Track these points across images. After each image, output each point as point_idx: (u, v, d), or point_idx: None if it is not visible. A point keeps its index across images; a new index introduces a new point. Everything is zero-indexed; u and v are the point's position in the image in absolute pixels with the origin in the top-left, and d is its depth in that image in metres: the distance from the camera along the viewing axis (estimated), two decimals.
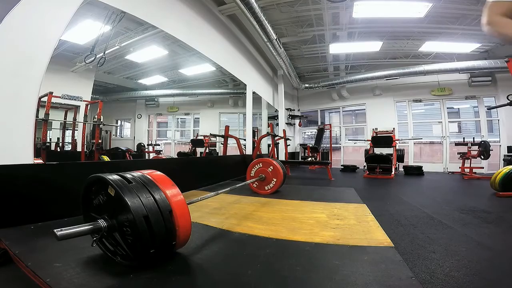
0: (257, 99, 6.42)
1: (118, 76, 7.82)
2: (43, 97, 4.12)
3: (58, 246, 1.27)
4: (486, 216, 2.13)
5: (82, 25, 4.21)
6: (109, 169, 1.94)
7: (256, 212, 2.27)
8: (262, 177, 3.18)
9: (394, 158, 5.83)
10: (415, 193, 3.59)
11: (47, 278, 1.01)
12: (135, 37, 4.99)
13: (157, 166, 3.01)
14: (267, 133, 5.69)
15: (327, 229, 1.77)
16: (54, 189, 1.90)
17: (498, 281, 1.09)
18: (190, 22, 3.78)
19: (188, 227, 1.22)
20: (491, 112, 6.91)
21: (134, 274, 1.07)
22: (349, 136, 9.27)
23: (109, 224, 1.12)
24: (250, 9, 4.00)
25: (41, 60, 1.88)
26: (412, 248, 1.43)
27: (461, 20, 4.99)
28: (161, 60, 6.47)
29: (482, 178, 4.98)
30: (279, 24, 5.55)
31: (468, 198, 3.00)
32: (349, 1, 4.44)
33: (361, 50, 6.43)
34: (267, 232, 1.69)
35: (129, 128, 10.60)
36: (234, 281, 1.07)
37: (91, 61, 4.60)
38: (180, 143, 10.40)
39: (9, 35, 1.70)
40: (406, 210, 2.21)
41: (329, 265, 1.22)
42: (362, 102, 8.58)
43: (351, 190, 3.54)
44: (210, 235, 1.65)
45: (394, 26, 5.43)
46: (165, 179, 1.27)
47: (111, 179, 1.13)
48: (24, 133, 1.79)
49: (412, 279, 1.06)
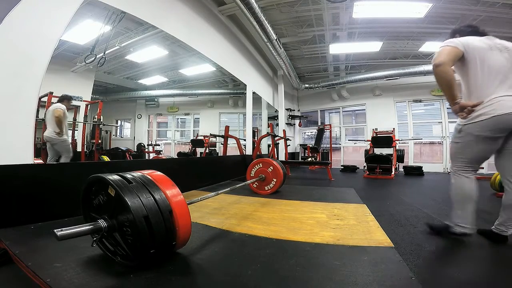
0: (257, 99, 6.42)
1: (118, 76, 7.81)
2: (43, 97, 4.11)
3: (58, 246, 1.27)
4: (486, 216, 2.13)
5: (82, 25, 4.20)
6: (109, 169, 1.94)
7: (256, 212, 2.27)
8: (262, 177, 3.18)
9: (394, 158, 5.83)
10: (415, 193, 3.59)
11: (47, 278, 1.01)
12: (135, 37, 4.99)
13: (157, 166, 3.02)
14: (267, 133, 5.69)
15: (327, 229, 1.77)
16: (54, 189, 1.90)
17: (498, 281, 1.09)
18: (190, 22, 3.78)
19: (188, 227, 1.22)
20: None
21: (134, 274, 1.07)
22: (349, 136, 9.27)
23: (109, 224, 1.12)
24: (250, 9, 4.00)
25: (41, 60, 1.88)
26: (412, 248, 1.43)
27: (461, 20, 4.98)
28: (161, 60, 6.47)
29: (482, 178, 4.96)
30: (279, 24, 5.55)
31: None
32: (349, 1, 4.44)
33: (361, 50, 6.43)
34: (267, 232, 1.69)
35: (129, 128, 10.59)
36: (234, 281, 1.07)
37: (91, 61, 4.60)
38: (180, 143, 10.39)
39: (9, 35, 1.70)
40: (406, 210, 2.20)
41: (329, 265, 1.22)
42: (362, 102, 8.58)
43: (351, 190, 3.54)
44: (210, 235, 1.65)
45: (394, 26, 5.43)
46: (165, 179, 1.27)
47: (111, 179, 1.13)
48: (24, 133, 1.79)
49: (412, 279, 1.06)
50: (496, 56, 1.39)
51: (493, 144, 1.41)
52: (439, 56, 1.38)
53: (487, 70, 1.39)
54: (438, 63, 1.36)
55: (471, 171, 1.50)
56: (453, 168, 1.56)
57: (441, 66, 1.35)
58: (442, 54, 1.39)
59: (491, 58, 1.39)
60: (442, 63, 1.35)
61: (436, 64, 1.37)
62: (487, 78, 1.38)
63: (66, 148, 3.62)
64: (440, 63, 1.35)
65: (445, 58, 1.37)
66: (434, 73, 1.39)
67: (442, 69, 1.35)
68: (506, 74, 1.37)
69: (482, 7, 4.50)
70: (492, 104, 1.34)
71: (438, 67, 1.36)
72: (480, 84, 1.40)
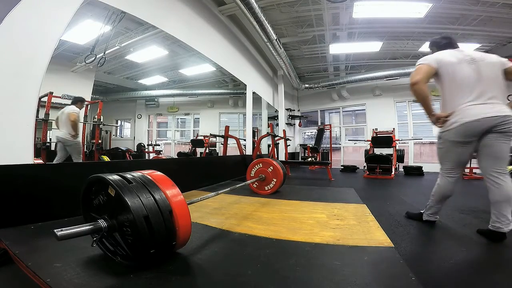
0: (257, 99, 6.42)
1: (118, 76, 7.82)
2: (43, 97, 4.12)
3: (58, 246, 1.27)
4: (486, 216, 2.13)
5: (82, 25, 4.20)
6: (109, 169, 1.94)
7: (256, 212, 2.27)
8: (262, 177, 3.18)
9: (394, 158, 5.83)
10: (415, 193, 3.59)
11: (47, 278, 1.01)
12: (135, 37, 4.99)
13: (157, 166, 3.02)
14: (267, 133, 5.69)
15: (327, 229, 1.77)
16: (54, 189, 1.90)
17: (498, 281, 1.09)
18: (190, 22, 3.78)
19: (188, 227, 1.22)
20: None
21: (134, 274, 1.07)
22: (349, 136, 9.27)
23: (109, 224, 1.12)
24: (250, 9, 4.00)
25: (42, 60, 1.88)
26: (412, 248, 1.43)
27: (461, 20, 4.99)
28: (161, 60, 6.47)
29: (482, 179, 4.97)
30: (279, 25, 5.55)
31: (468, 199, 2.99)
32: (349, 1, 4.44)
33: (361, 50, 6.43)
34: (267, 232, 1.69)
35: (129, 128, 10.59)
36: (234, 281, 1.07)
37: (91, 61, 4.60)
38: (180, 143, 10.39)
39: (10, 35, 1.70)
40: (406, 210, 2.20)
41: (329, 265, 1.22)
42: (362, 103, 8.58)
43: (351, 190, 3.54)
44: (210, 235, 1.65)
45: (394, 27, 5.43)
46: (165, 179, 1.27)
47: (111, 179, 1.13)
48: (25, 133, 1.79)
49: (412, 279, 1.06)
50: (464, 69, 1.55)
51: (468, 147, 1.58)
52: (415, 75, 1.58)
53: (457, 83, 1.56)
54: (413, 82, 1.57)
55: (455, 174, 1.70)
56: (441, 171, 1.77)
57: (416, 85, 1.56)
58: (417, 73, 1.59)
59: (461, 71, 1.56)
60: (417, 81, 1.55)
61: (412, 83, 1.57)
62: (457, 89, 1.56)
63: (78, 150, 3.71)
64: (415, 81, 1.56)
65: (420, 77, 1.56)
66: (411, 90, 1.59)
67: (417, 87, 1.56)
68: (474, 85, 1.52)
69: (482, 7, 4.50)
70: (461, 113, 1.53)
71: (414, 85, 1.57)
72: (452, 96, 1.59)
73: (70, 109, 3.67)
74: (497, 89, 1.53)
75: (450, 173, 1.71)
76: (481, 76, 1.52)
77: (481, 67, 1.54)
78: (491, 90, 1.51)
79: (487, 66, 1.55)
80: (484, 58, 1.58)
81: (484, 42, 5.75)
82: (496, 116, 1.45)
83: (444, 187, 1.73)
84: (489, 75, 1.53)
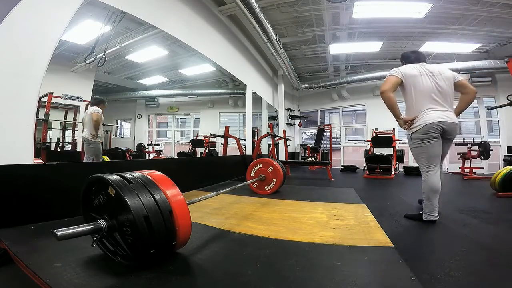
0: (257, 99, 6.42)
1: (118, 76, 7.81)
2: (43, 97, 4.12)
3: (58, 246, 1.27)
4: (486, 216, 2.14)
5: (82, 25, 4.20)
6: (109, 169, 1.95)
7: (256, 212, 2.27)
8: (262, 177, 3.18)
9: (394, 158, 5.83)
10: (415, 193, 3.58)
11: (47, 278, 1.01)
12: (135, 37, 4.98)
13: (157, 166, 3.02)
14: (267, 133, 5.69)
15: (327, 229, 1.77)
16: (54, 189, 1.91)
17: (498, 281, 1.09)
18: (190, 22, 3.78)
19: (188, 227, 1.22)
20: (491, 112, 6.90)
21: (134, 274, 1.07)
22: (349, 136, 9.27)
23: (109, 224, 1.12)
24: (250, 9, 4.00)
25: (42, 60, 1.88)
26: (412, 248, 1.43)
27: (461, 20, 4.99)
28: (161, 60, 6.46)
29: (482, 179, 4.97)
30: (279, 25, 5.55)
31: (468, 199, 3.00)
32: (349, 1, 4.44)
33: (361, 50, 6.43)
34: (267, 232, 1.69)
35: (129, 128, 10.58)
36: (234, 281, 1.07)
37: (91, 61, 4.60)
38: (180, 143, 10.39)
39: (10, 35, 1.70)
40: (406, 210, 2.20)
41: (329, 265, 1.22)
42: (362, 103, 8.58)
43: (351, 190, 3.54)
44: (210, 235, 1.65)
45: (394, 27, 5.43)
46: (165, 179, 1.27)
47: (111, 179, 1.13)
48: (25, 133, 1.79)
49: (412, 279, 1.06)
50: (425, 81, 1.90)
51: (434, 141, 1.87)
52: (384, 85, 1.92)
53: (418, 92, 1.90)
54: (382, 91, 1.91)
55: (433, 167, 1.89)
56: (421, 168, 1.97)
57: (384, 93, 1.90)
58: (386, 83, 1.93)
59: (421, 83, 1.89)
60: (385, 90, 1.89)
61: (381, 91, 1.92)
62: (419, 97, 1.90)
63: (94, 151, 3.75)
64: (384, 90, 1.90)
65: (388, 87, 1.90)
66: (381, 97, 1.93)
67: (385, 95, 1.89)
68: (432, 93, 1.88)
69: (482, 7, 4.50)
70: (423, 116, 1.87)
71: (382, 93, 1.91)
72: (415, 103, 1.92)
73: (93, 109, 3.73)
74: (450, 99, 1.91)
75: (428, 168, 1.90)
76: (439, 87, 1.88)
77: (439, 81, 1.89)
78: (445, 100, 1.88)
79: (443, 80, 1.90)
80: (441, 73, 1.92)
81: (484, 42, 5.75)
82: (449, 122, 1.85)
83: (428, 182, 1.88)
84: (444, 88, 1.88)
